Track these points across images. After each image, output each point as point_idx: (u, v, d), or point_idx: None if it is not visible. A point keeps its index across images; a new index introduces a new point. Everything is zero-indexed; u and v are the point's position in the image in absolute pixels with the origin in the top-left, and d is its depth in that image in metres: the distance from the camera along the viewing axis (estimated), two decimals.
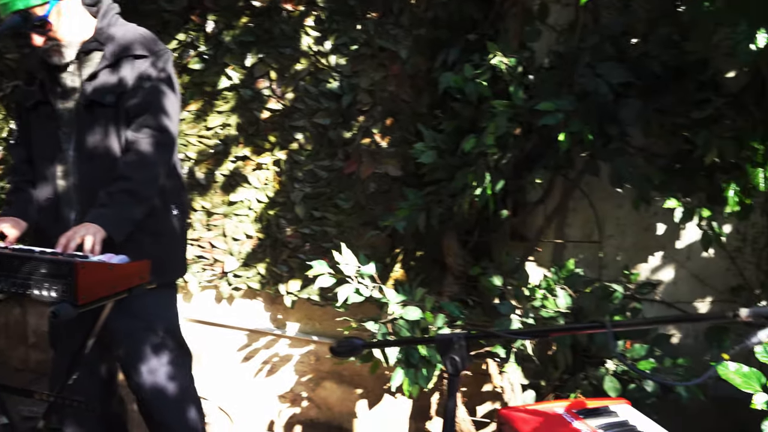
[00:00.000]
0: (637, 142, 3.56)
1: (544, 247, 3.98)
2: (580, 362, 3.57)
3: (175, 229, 3.18)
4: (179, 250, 3.28)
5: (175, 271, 3.27)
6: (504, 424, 2.11)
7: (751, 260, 3.72)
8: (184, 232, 3.27)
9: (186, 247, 3.33)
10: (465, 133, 3.60)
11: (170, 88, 3.08)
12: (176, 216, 3.18)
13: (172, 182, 3.17)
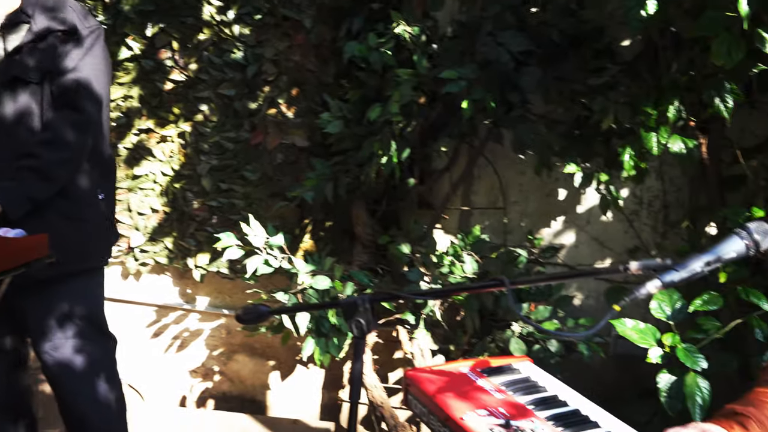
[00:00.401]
0: (537, 109, 3.64)
1: (451, 215, 4.04)
2: (488, 326, 3.66)
3: (100, 214, 3.07)
4: (103, 235, 3.16)
5: (97, 256, 3.17)
6: (410, 385, 2.15)
7: (647, 222, 3.87)
8: (109, 218, 3.17)
9: (112, 231, 3.22)
10: (371, 102, 3.62)
11: (98, 68, 2.95)
12: (102, 201, 3.07)
13: (97, 166, 3.05)
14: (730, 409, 1.86)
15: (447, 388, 2.06)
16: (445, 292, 2.09)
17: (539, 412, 1.95)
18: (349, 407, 1.88)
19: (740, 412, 1.83)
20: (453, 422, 1.89)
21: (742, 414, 1.82)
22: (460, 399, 1.99)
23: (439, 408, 1.97)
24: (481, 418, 1.88)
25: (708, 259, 1.66)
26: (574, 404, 2.02)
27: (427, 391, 2.07)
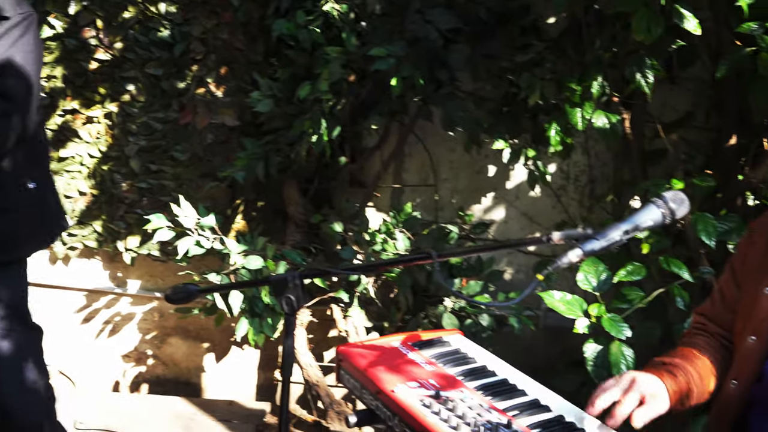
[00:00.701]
0: (466, 87, 3.68)
1: (383, 192, 4.07)
2: (421, 302, 3.71)
3: (29, 204, 2.97)
4: (35, 226, 3.06)
5: (27, 248, 3.07)
6: (343, 360, 2.16)
7: (574, 197, 3.96)
8: (41, 207, 3.07)
9: (52, 221, 3.12)
10: (300, 80, 3.60)
11: (30, 55, 2.85)
12: (31, 190, 2.97)
13: (28, 154, 2.95)
14: (659, 361, 1.96)
15: (378, 362, 2.08)
16: (373, 267, 2.11)
17: (468, 383, 1.98)
18: (281, 384, 1.89)
19: (668, 362, 1.93)
20: (384, 395, 1.91)
21: (670, 364, 1.92)
22: (392, 372, 2.01)
23: (370, 381, 1.99)
24: (412, 390, 1.91)
25: (626, 228, 1.72)
26: (502, 374, 2.06)
27: (358, 365, 2.08)
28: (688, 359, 1.96)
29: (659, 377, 1.86)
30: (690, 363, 1.95)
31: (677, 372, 1.89)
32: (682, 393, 1.88)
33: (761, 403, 1.92)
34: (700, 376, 1.94)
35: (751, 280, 1.99)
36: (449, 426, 1.74)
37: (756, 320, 1.93)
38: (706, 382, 1.96)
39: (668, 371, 1.89)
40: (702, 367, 1.96)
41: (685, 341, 2.10)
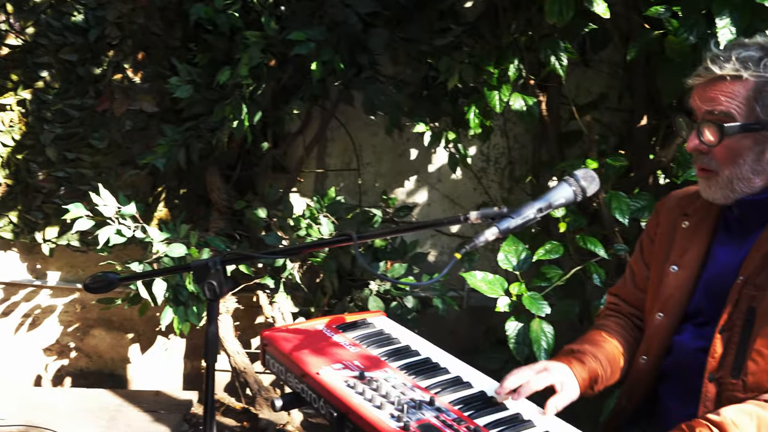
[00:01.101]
0: (386, 71, 3.71)
1: (306, 177, 4.07)
2: (346, 286, 3.73)
3: None
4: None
5: None
6: (267, 345, 2.17)
7: (494, 179, 4.03)
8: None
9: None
10: (220, 65, 3.57)
11: None
12: None
13: None
14: (568, 349, 2.03)
15: (303, 345, 2.10)
16: (294, 250, 2.11)
17: (392, 363, 2.01)
18: (206, 371, 1.89)
19: (577, 350, 1.99)
20: (309, 378, 1.93)
21: (579, 351, 1.99)
22: (316, 355, 2.03)
23: (295, 365, 2.01)
24: (337, 372, 1.93)
25: (540, 206, 1.77)
26: (425, 353, 2.10)
27: (283, 349, 2.09)
28: (597, 345, 2.03)
29: (569, 365, 1.93)
30: (599, 348, 2.02)
31: (586, 359, 1.96)
32: (591, 379, 1.95)
33: (670, 376, 2.00)
34: (608, 361, 2.01)
35: (658, 259, 2.07)
36: (373, 405, 1.77)
37: (663, 297, 2.01)
38: (614, 366, 2.03)
39: (577, 359, 1.96)
40: (610, 352, 2.04)
41: (597, 324, 2.17)
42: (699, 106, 1.86)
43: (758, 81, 1.78)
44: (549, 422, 1.77)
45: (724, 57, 1.81)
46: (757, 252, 1.84)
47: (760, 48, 1.82)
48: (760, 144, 1.82)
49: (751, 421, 1.65)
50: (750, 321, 1.81)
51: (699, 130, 1.85)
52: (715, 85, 1.83)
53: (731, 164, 1.84)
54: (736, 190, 1.86)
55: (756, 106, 1.79)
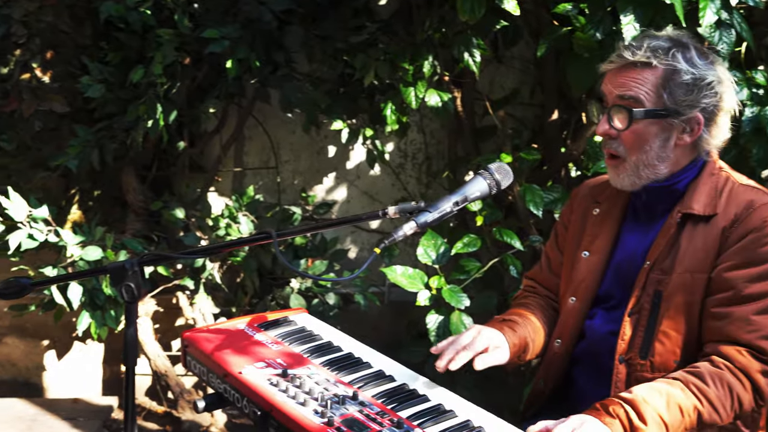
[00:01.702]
0: (302, 68, 3.71)
1: (224, 176, 4.04)
2: (268, 285, 3.72)
3: None
4: None
5: None
6: (188, 346, 2.15)
7: (412, 174, 4.08)
8: None
9: None
10: (133, 64, 3.51)
11: None
12: None
13: None
14: (499, 318, 2.10)
15: (224, 345, 2.09)
16: (213, 249, 2.09)
17: (315, 359, 2.02)
18: (126, 374, 1.86)
19: (507, 319, 2.07)
20: (232, 377, 1.93)
21: (510, 320, 2.07)
22: (238, 354, 2.03)
23: (217, 365, 2.00)
24: (259, 371, 1.93)
25: (456, 199, 1.82)
26: (347, 349, 2.11)
27: (204, 350, 2.08)
28: (524, 317, 2.11)
29: (501, 331, 1.99)
30: (525, 319, 2.10)
31: (516, 327, 2.03)
32: (520, 346, 2.02)
33: (583, 359, 2.08)
34: (534, 332, 2.09)
35: (571, 245, 2.15)
36: (297, 402, 1.78)
37: (575, 282, 2.08)
38: (539, 339, 2.11)
39: (508, 326, 2.03)
40: (535, 325, 2.11)
41: (517, 303, 2.24)
42: (610, 90, 1.94)
43: (666, 69, 1.87)
44: (470, 411, 1.80)
45: (636, 45, 1.91)
46: (663, 237, 1.93)
47: (670, 39, 1.92)
48: (666, 131, 1.91)
49: (661, 397, 1.73)
50: (657, 304, 1.90)
51: (609, 115, 1.93)
52: (626, 71, 1.91)
53: (638, 150, 1.92)
54: (643, 177, 1.94)
55: (663, 93, 1.88)
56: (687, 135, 1.92)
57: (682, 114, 1.89)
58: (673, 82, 1.87)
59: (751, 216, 1.86)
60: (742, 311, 1.82)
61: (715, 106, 1.91)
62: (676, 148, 1.93)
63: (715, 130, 1.94)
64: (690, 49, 1.91)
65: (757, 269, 1.83)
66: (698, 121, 1.90)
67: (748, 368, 1.79)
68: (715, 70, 1.91)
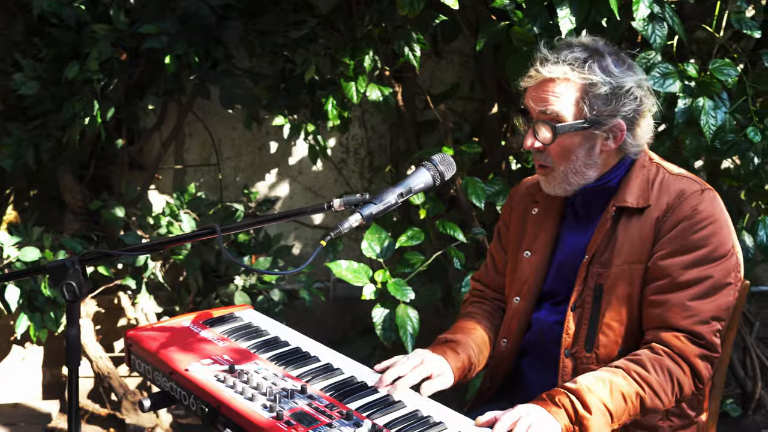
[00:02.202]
0: (242, 64, 3.69)
1: (164, 174, 3.99)
2: (211, 283, 3.69)
3: None
4: None
5: None
6: (132, 345, 2.12)
7: (354, 170, 4.09)
8: None
9: None
10: (67, 60, 3.43)
11: None
12: None
13: None
14: (443, 338, 2.09)
15: (170, 342, 2.06)
16: (156, 245, 2.06)
17: (262, 354, 2.02)
18: (68, 377, 1.83)
19: (451, 339, 2.07)
20: (178, 375, 1.91)
21: (453, 341, 2.06)
22: (184, 351, 2.01)
23: (163, 363, 1.97)
24: (206, 367, 1.92)
25: (401, 191, 1.83)
26: (294, 343, 2.11)
27: (149, 348, 2.05)
28: (468, 333, 2.11)
29: (444, 356, 1.99)
30: (470, 337, 2.10)
31: (459, 349, 2.03)
32: (464, 369, 2.02)
33: (530, 351, 2.11)
34: (479, 349, 2.09)
35: (513, 245, 2.18)
36: (245, 398, 1.77)
37: (519, 282, 2.11)
38: (485, 353, 2.12)
39: (452, 349, 2.02)
40: (481, 339, 2.12)
41: (464, 312, 2.25)
42: (532, 106, 1.97)
43: (584, 83, 1.90)
44: (418, 401, 1.82)
45: (553, 60, 1.92)
46: (600, 232, 1.97)
47: (585, 49, 1.93)
48: (590, 140, 1.94)
49: (604, 385, 1.77)
50: (598, 297, 1.94)
51: (534, 130, 1.96)
52: (545, 87, 1.93)
53: (565, 160, 1.95)
54: (573, 183, 1.98)
55: (584, 106, 1.91)
56: (611, 141, 1.95)
57: (604, 124, 1.92)
58: (592, 94, 1.90)
59: (682, 205, 1.91)
60: (679, 298, 1.86)
61: (636, 110, 1.94)
62: (602, 154, 1.97)
63: (638, 132, 1.97)
64: (605, 57, 1.93)
65: (690, 256, 1.88)
66: (621, 128, 1.94)
67: (687, 353, 1.84)
68: (632, 76, 1.94)
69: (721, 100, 2.96)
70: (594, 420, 1.71)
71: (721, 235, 1.90)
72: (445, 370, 1.96)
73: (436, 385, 1.91)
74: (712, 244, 1.88)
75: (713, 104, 2.93)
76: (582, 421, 1.71)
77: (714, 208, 1.92)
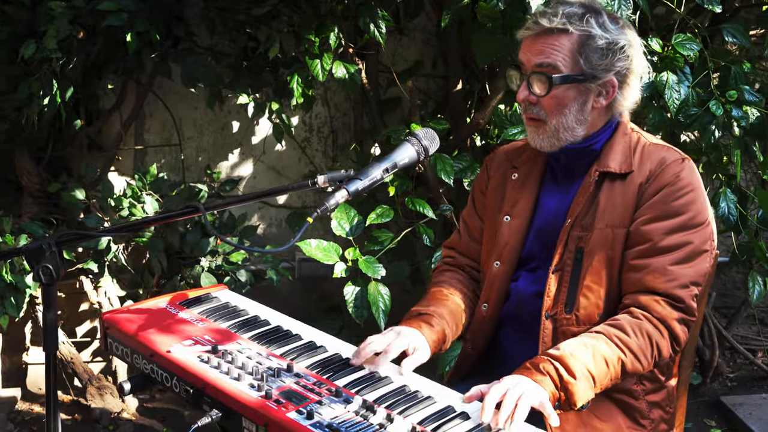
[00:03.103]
0: (204, 42, 3.62)
1: (125, 155, 3.91)
2: (176, 265, 3.64)
3: None
4: None
5: None
6: (109, 328, 2.08)
7: (318, 148, 4.06)
8: None
9: None
10: (23, 38, 3.32)
11: None
12: None
13: None
14: (416, 311, 2.08)
15: (148, 324, 2.04)
16: (136, 225, 2.01)
17: (244, 334, 2.00)
18: (45, 361, 1.79)
19: (424, 312, 2.06)
20: (160, 356, 1.88)
21: (426, 314, 2.06)
22: (164, 333, 1.98)
23: (143, 345, 1.95)
24: (188, 348, 1.89)
25: (386, 166, 1.83)
26: (275, 322, 2.10)
27: (127, 330, 2.02)
28: (441, 304, 2.11)
29: (419, 329, 1.99)
30: (443, 307, 2.10)
31: (433, 321, 2.03)
32: (439, 342, 2.03)
33: (509, 322, 2.13)
34: (453, 319, 2.10)
35: (492, 210, 2.19)
36: (231, 377, 1.76)
37: (499, 246, 2.13)
38: (458, 323, 2.13)
39: (426, 322, 2.02)
40: (454, 309, 2.12)
41: (435, 281, 2.25)
42: (528, 58, 1.98)
43: (581, 35, 1.93)
44: (405, 377, 1.83)
45: (552, 11, 1.95)
46: (582, 196, 2.00)
47: (582, 5, 1.98)
48: (584, 95, 1.97)
49: (587, 350, 1.79)
50: (579, 260, 1.97)
51: (529, 81, 1.97)
52: (543, 38, 1.95)
53: (558, 114, 1.98)
54: (562, 139, 2.01)
55: (580, 59, 1.94)
56: (603, 98, 1.99)
57: (599, 78, 1.96)
58: (589, 47, 1.94)
59: (664, 172, 1.95)
60: (659, 262, 1.90)
61: (628, 69, 1.98)
62: (593, 111, 2.00)
63: (628, 92, 2.01)
64: (602, 14, 1.98)
65: (672, 222, 1.92)
66: (613, 84, 1.98)
67: (666, 317, 1.88)
68: (626, 35, 1.98)
69: (684, 75, 3.02)
70: (579, 384, 1.74)
71: (700, 204, 1.96)
72: (422, 344, 1.97)
73: (416, 360, 1.91)
74: (692, 211, 1.93)
75: (677, 79, 2.98)
76: (567, 387, 1.73)
77: (693, 177, 1.97)
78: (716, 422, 3.82)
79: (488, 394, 1.66)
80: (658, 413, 2.03)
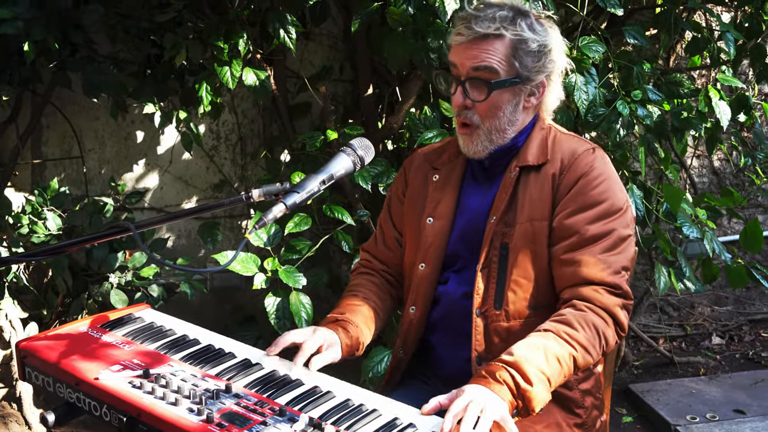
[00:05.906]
0: (104, 50, 3.48)
1: (22, 170, 3.72)
2: (82, 282, 3.48)
3: None
4: None
5: None
6: (26, 356, 1.96)
7: (227, 156, 3.97)
8: None
9: None
10: None
11: None
12: None
13: None
14: (332, 317, 2.09)
15: (71, 351, 1.93)
16: (59, 248, 1.89)
17: (174, 355, 1.92)
18: None
19: (341, 318, 2.07)
20: (87, 384, 1.78)
21: (343, 320, 2.07)
22: (89, 359, 1.88)
23: (67, 373, 1.84)
24: (117, 374, 1.80)
25: (323, 178, 1.80)
26: (205, 340, 2.03)
27: (48, 358, 1.91)
28: (355, 312, 2.11)
29: (335, 332, 2.01)
30: (358, 314, 2.10)
31: (349, 327, 2.04)
32: (353, 347, 2.04)
33: (439, 325, 2.13)
34: (366, 325, 2.11)
35: (414, 213, 2.18)
36: (168, 403, 1.68)
37: (423, 248, 2.13)
38: (371, 328, 2.13)
39: (342, 327, 2.04)
40: (368, 315, 2.13)
41: (352, 284, 2.25)
42: (462, 63, 1.98)
43: (514, 39, 1.95)
44: (348, 390, 1.79)
45: (484, 16, 1.95)
46: (504, 192, 2.02)
47: (511, 8, 1.99)
48: (517, 96, 2.00)
49: (539, 351, 1.79)
50: (504, 256, 1.99)
51: (465, 87, 1.97)
52: (478, 43, 1.96)
53: (492, 117, 2.00)
54: (494, 142, 2.03)
55: (515, 62, 1.96)
56: (534, 98, 2.03)
57: (532, 80, 1.99)
58: (522, 50, 1.96)
59: (576, 162, 2.00)
60: (591, 252, 1.93)
61: (555, 68, 2.03)
62: (523, 111, 2.04)
63: (555, 90, 2.06)
64: (529, 16, 2.01)
65: (593, 211, 1.96)
66: (543, 85, 2.02)
67: (609, 305, 1.91)
68: (551, 35, 2.02)
69: (590, 76, 3.10)
70: (535, 390, 1.74)
71: (615, 190, 2.01)
72: (336, 342, 1.99)
73: (326, 358, 1.93)
74: (609, 198, 1.98)
75: (584, 80, 3.06)
76: (524, 394, 1.73)
77: (605, 165, 2.03)
78: (626, 410, 3.95)
79: (450, 409, 1.63)
80: (590, 400, 2.07)
